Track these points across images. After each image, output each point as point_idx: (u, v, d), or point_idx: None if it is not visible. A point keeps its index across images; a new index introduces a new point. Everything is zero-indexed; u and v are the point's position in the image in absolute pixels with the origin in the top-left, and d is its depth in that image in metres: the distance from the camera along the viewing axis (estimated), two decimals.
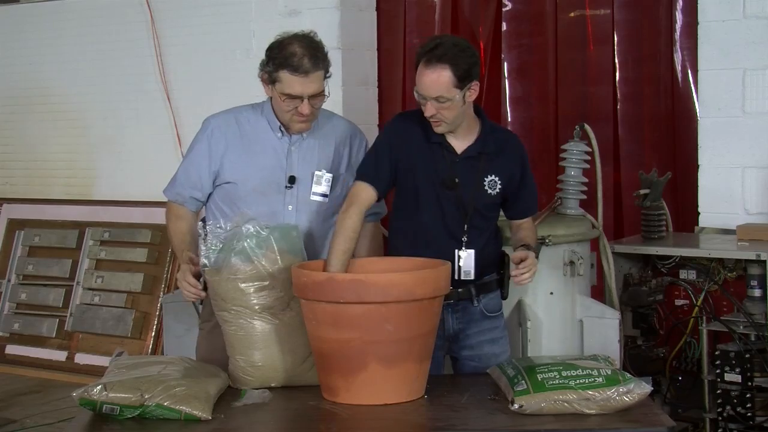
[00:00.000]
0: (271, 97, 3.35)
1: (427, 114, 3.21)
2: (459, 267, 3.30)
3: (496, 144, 3.35)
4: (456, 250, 3.29)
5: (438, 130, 3.27)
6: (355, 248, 3.29)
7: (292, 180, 3.32)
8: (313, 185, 3.34)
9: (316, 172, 3.35)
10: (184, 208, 3.42)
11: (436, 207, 3.30)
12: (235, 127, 3.34)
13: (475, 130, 3.34)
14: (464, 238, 3.30)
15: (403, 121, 3.40)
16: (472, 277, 3.32)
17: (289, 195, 3.31)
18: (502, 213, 3.50)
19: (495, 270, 3.43)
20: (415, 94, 3.24)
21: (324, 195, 3.36)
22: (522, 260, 3.24)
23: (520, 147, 3.45)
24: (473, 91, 3.22)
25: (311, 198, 3.34)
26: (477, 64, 3.23)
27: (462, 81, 3.16)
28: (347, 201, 3.29)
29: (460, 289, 3.34)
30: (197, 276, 3.21)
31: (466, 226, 3.30)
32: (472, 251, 3.31)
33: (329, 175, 3.37)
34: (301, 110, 3.22)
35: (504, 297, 3.50)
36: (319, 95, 3.24)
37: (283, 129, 3.34)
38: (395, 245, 3.38)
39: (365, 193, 3.28)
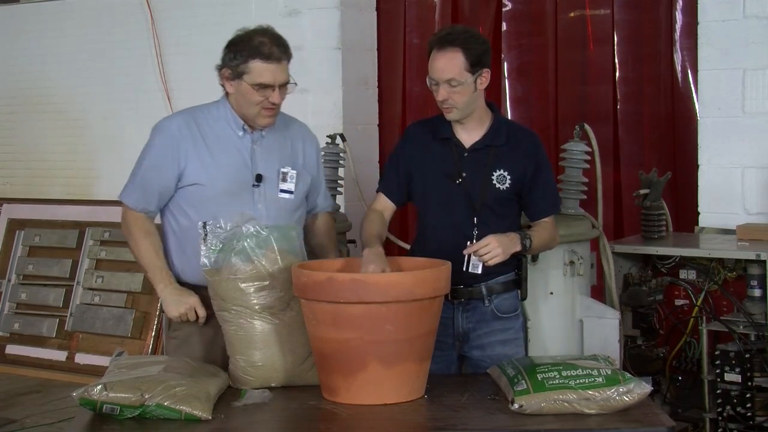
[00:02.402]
0: (227, 96, 3.32)
1: (439, 98, 3.25)
2: (468, 260, 3.27)
3: (508, 137, 3.35)
4: (468, 242, 3.27)
5: (449, 116, 3.29)
6: (314, 243, 3.48)
7: (259, 178, 3.29)
8: (280, 182, 3.32)
9: (282, 169, 3.33)
10: (148, 220, 3.33)
11: (445, 204, 3.31)
12: (195, 128, 3.29)
13: (486, 124, 3.35)
14: (474, 232, 3.30)
15: (411, 129, 3.49)
16: (479, 272, 3.30)
17: (257, 193, 3.29)
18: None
19: (511, 270, 3.42)
20: (428, 82, 3.28)
21: (290, 192, 3.35)
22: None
23: (535, 144, 3.41)
24: (484, 79, 3.26)
25: (279, 195, 3.32)
26: (488, 52, 3.28)
27: (473, 66, 3.21)
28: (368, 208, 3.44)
29: (470, 288, 3.35)
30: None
31: (475, 219, 3.30)
32: None
33: (294, 172, 3.36)
34: (273, 99, 3.21)
35: (523, 298, 3.49)
36: (288, 85, 3.25)
37: (245, 127, 3.31)
38: (414, 246, 3.41)
39: (378, 199, 3.43)
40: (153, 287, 3.34)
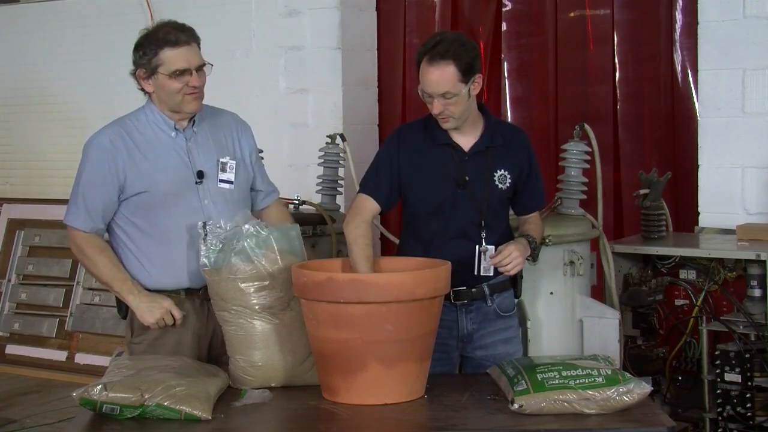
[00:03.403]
0: (150, 98, 3.32)
1: (435, 111, 3.22)
2: (480, 263, 3.29)
3: (503, 137, 3.35)
4: (477, 246, 3.29)
5: (446, 126, 3.27)
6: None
7: (200, 175, 3.27)
8: (219, 173, 3.30)
9: (221, 160, 3.32)
10: (98, 238, 3.27)
11: (449, 209, 3.30)
12: (128, 139, 3.26)
13: (479, 126, 3.34)
14: (483, 234, 3.30)
15: (403, 132, 3.41)
16: (491, 273, 3.31)
17: (201, 190, 3.27)
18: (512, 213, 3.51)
19: None
20: (420, 93, 3.24)
21: (230, 182, 3.33)
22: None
23: (526, 141, 3.44)
24: (477, 85, 3.23)
25: (219, 186, 3.30)
26: (478, 57, 3.25)
27: (466, 75, 3.17)
28: (350, 213, 3.33)
29: (473, 289, 3.35)
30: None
31: (483, 222, 3.30)
32: (493, 247, 3.30)
33: (233, 162, 3.34)
34: (193, 82, 3.21)
35: (517, 296, 3.50)
36: (204, 67, 3.26)
37: (177, 127, 3.29)
38: (409, 252, 3.35)
39: (367, 205, 3.32)
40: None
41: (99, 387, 2.76)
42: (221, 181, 3.31)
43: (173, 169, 3.25)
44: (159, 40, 3.23)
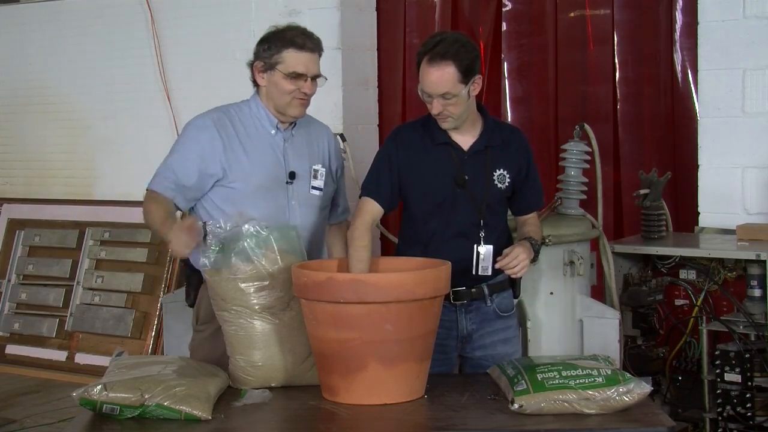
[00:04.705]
0: (257, 92, 3.37)
1: (434, 112, 3.23)
2: (477, 263, 3.30)
3: (501, 137, 3.36)
4: (475, 245, 3.30)
5: (445, 126, 3.28)
6: (332, 250, 3.53)
7: (292, 176, 3.35)
8: (312, 179, 3.39)
9: (314, 167, 3.41)
10: (161, 197, 3.26)
11: (449, 208, 3.30)
12: (229, 127, 3.33)
13: (478, 126, 3.35)
14: (481, 234, 3.31)
15: (401, 132, 3.42)
16: (489, 272, 3.32)
17: (290, 190, 3.34)
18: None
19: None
20: (420, 93, 3.24)
21: (320, 189, 3.42)
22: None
23: (525, 141, 3.45)
24: (477, 85, 3.24)
25: (311, 192, 3.39)
26: (478, 57, 3.25)
27: (466, 76, 3.18)
28: (354, 216, 3.37)
29: (473, 289, 3.35)
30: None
31: (482, 221, 3.31)
32: (490, 246, 3.31)
33: (324, 169, 3.43)
34: (305, 89, 3.28)
35: (516, 296, 3.50)
36: (319, 77, 3.32)
37: (279, 125, 3.35)
38: (408, 252, 3.35)
39: (369, 208, 3.33)
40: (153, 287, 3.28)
41: (99, 387, 2.76)
42: (313, 187, 3.39)
43: (268, 165, 3.32)
44: (286, 39, 3.30)
